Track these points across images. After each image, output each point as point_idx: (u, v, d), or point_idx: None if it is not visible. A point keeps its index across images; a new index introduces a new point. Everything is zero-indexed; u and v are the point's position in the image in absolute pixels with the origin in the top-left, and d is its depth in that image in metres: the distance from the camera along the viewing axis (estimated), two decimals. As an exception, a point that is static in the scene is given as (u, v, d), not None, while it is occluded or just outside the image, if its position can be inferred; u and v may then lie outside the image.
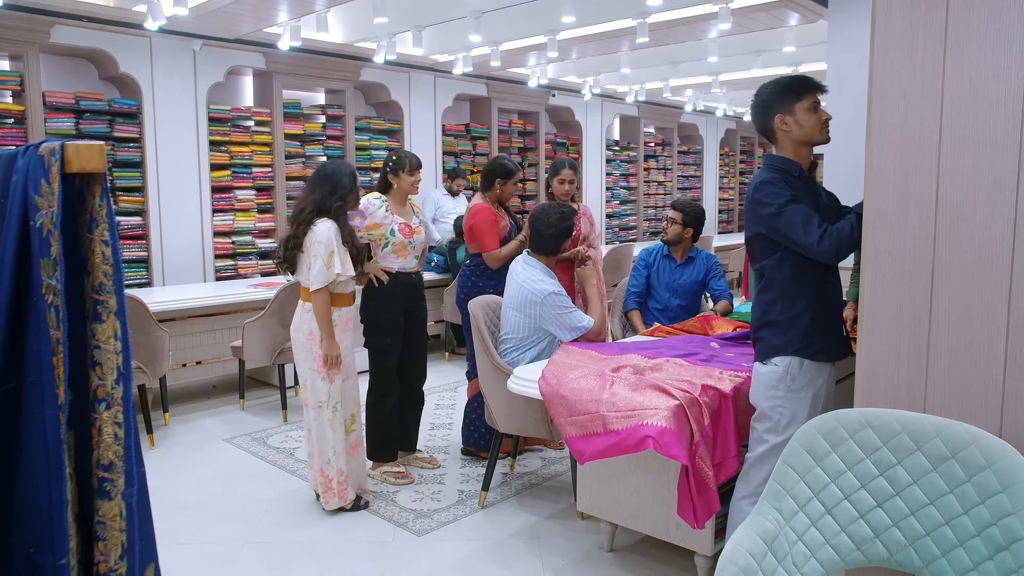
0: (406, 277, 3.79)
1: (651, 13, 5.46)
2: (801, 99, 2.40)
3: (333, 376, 3.38)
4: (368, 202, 3.71)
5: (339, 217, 3.32)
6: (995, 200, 1.78)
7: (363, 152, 7.45)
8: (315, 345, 3.34)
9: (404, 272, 3.78)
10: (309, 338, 3.35)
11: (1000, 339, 1.80)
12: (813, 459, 1.88)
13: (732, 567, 1.70)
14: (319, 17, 5.40)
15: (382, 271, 3.70)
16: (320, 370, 3.35)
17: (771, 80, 2.49)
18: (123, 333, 1.34)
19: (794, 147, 2.45)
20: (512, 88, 8.60)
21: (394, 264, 3.75)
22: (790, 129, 2.42)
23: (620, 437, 2.50)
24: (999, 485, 1.67)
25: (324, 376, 3.36)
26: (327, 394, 3.37)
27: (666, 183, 11.51)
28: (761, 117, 2.48)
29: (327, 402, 3.37)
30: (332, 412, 3.39)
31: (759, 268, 2.49)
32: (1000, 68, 1.75)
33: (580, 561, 3.02)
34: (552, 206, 3.62)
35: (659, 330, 3.69)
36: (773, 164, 2.47)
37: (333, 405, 3.39)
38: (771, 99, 2.44)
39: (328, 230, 3.24)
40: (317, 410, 3.38)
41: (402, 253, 3.75)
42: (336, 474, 3.40)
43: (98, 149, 1.29)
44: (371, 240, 3.70)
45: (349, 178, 3.37)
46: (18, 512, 1.33)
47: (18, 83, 5.29)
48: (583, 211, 4.20)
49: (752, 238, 2.49)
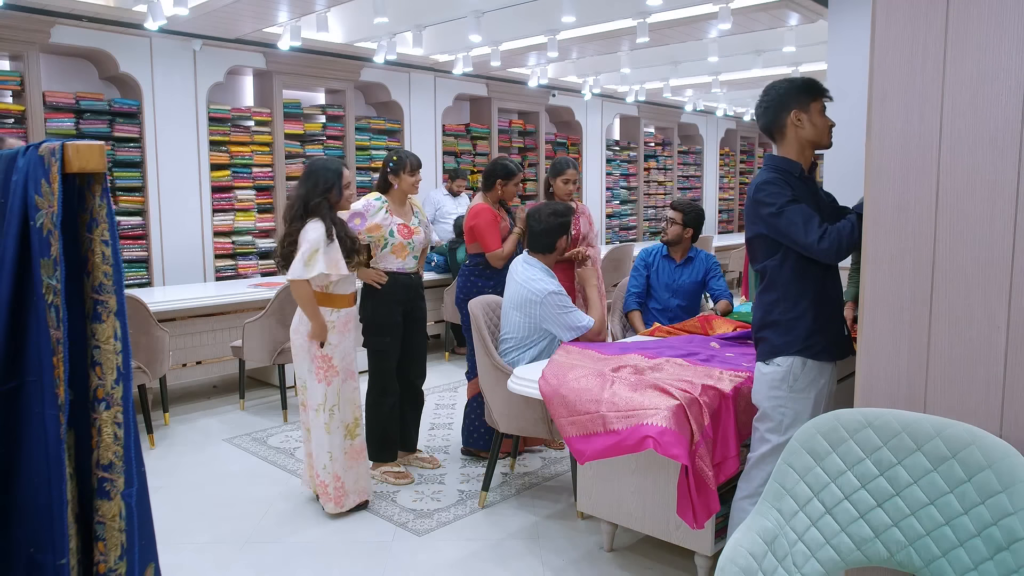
0: (405, 277, 3.79)
1: (651, 13, 5.46)
2: (816, 100, 2.42)
3: (331, 379, 3.36)
4: (368, 203, 3.70)
5: (322, 212, 3.28)
6: (995, 199, 1.78)
7: (363, 152, 7.45)
8: (314, 347, 3.34)
9: (403, 272, 3.77)
10: (308, 339, 3.34)
11: (1000, 338, 1.80)
12: (813, 459, 1.88)
13: (732, 567, 1.70)
14: (319, 17, 5.40)
15: (380, 274, 3.70)
16: (318, 372, 3.34)
17: (785, 79, 2.48)
18: (123, 333, 1.34)
19: (800, 147, 2.45)
20: (512, 88, 8.60)
21: (392, 264, 3.74)
22: (803, 127, 2.42)
23: (620, 437, 2.50)
24: (999, 485, 1.67)
25: (322, 379, 3.34)
26: (324, 396, 3.35)
27: (666, 183, 11.51)
28: (774, 112, 2.46)
29: (324, 404, 3.36)
30: (329, 415, 3.37)
31: (760, 268, 2.49)
32: (1000, 68, 1.76)
33: (580, 561, 3.02)
34: (545, 204, 3.62)
35: (659, 330, 3.69)
36: (774, 164, 2.47)
37: (330, 408, 3.37)
38: (789, 95, 2.43)
39: (317, 230, 3.21)
40: (315, 412, 3.37)
41: (400, 254, 3.75)
42: (332, 479, 3.37)
43: (98, 149, 1.29)
44: (371, 241, 3.70)
45: (333, 173, 3.35)
46: (18, 512, 1.33)
47: (18, 83, 5.29)
48: (582, 210, 4.20)
49: (753, 238, 2.49)
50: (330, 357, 3.36)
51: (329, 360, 3.36)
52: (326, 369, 3.36)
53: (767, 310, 2.47)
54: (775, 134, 2.50)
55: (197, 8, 5.23)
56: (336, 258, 3.25)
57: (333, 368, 3.37)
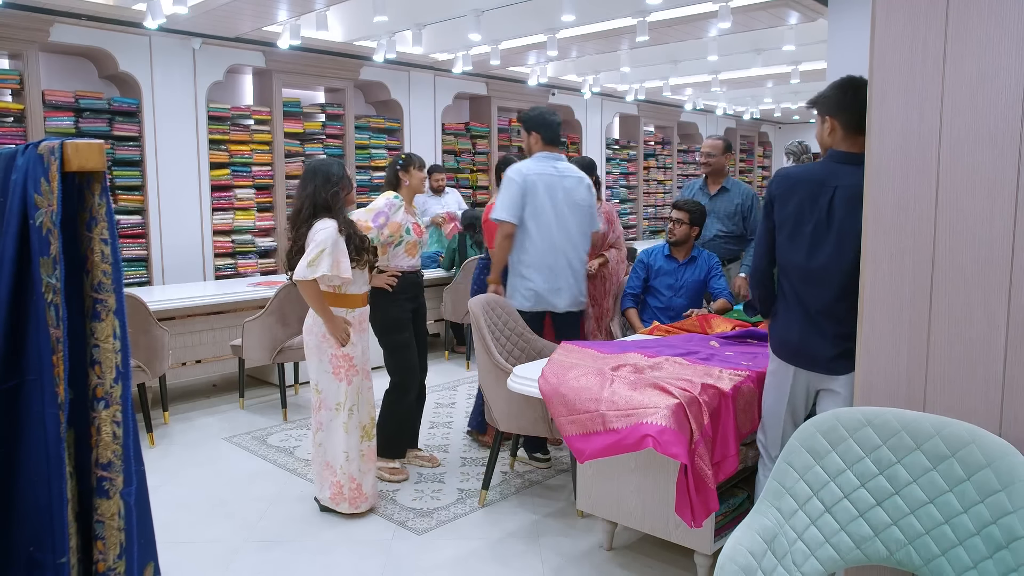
0: (413, 275, 3.85)
1: (651, 11, 5.46)
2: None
3: (352, 377, 3.32)
4: (390, 202, 3.71)
5: (336, 206, 3.26)
6: (995, 198, 1.78)
7: (363, 151, 7.45)
8: (330, 347, 3.29)
9: (412, 270, 3.82)
10: (323, 340, 3.29)
11: (1000, 337, 1.80)
12: (813, 458, 1.88)
13: (732, 566, 1.70)
14: (319, 16, 5.40)
15: (391, 277, 3.70)
16: (337, 371, 3.30)
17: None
18: (122, 332, 1.34)
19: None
20: (512, 87, 8.59)
21: (404, 263, 3.77)
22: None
23: (620, 436, 2.50)
24: (999, 484, 1.67)
25: (342, 377, 3.30)
26: (344, 395, 3.31)
27: (666, 182, 11.51)
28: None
29: (344, 404, 3.31)
30: (348, 415, 3.33)
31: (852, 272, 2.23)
32: (1000, 67, 1.75)
33: (580, 560, 3.03)
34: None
35: (658, 329, 3.69)
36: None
37: (349, 408, 3.33)
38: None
39: (325, 231, 3.16)
40: (333, 412, 3.32)
41: (412, 252, 3.79)
42: (348, 480, 3.34)
43: (97, 148, 1.29)
44: (386, 241, 3.69)
45: (338, 167, 3.34)
46: (18, 510, 1.33)
47: (17, 81, 5.29)
48: (604, 209, 4.23)
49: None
50: (351, 356, 3.33)
51: (351, 359, 3.32)
52: (347, 368, 3.31)
53: (853, 319, 2.14)
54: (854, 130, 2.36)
55: (197, 7, 5.23)
56: (341, 260, 3.18)
57: (354, 367, 3.34)
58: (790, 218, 2.41)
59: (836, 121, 2.39)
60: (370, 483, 3.43)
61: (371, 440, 3.46)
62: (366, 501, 3.41)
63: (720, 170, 4.59)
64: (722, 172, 4.60)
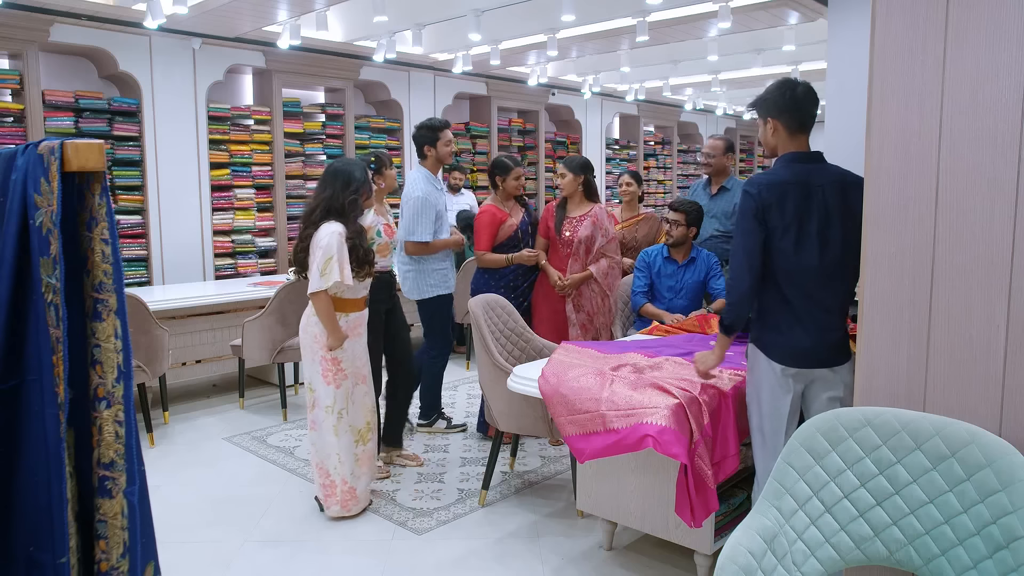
0: (387, 276, 3.87)
1: (651, 11, 5.46)
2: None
3: (340, 381, 3.33)
4: None
5: (351, 214, 3.25)
6: (995, 198, 1.78)
7: (363, 151, 7.43)
8: (320, 348, 3.29)
9: (385, 271, 3.83)
10: (314, 341, 3.29)
11: (1000, 337, 1.80)
12: (813, 458, 1.88)
13: (732, 566, 1.70)
14: (319, 16, 5.40)
15: None
16: (325, 374, 3.31)
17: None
18: (123, 331, 1.34)
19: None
20: (512, 87, 8.59)
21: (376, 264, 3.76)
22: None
23: (620, 436, 2.50)
24: (999, 484, 1.67)
25: (330, 381, 3.31)
26: (332, 399, 3.32)
27: (666, 182, 11.50)
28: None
29: (332, 407, 3.32)
30: (337, 418, 3.33)
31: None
32: (1000, 67, 1.75)
33: (580, 560, 3.03)
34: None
35: (658, 328, 3.69)
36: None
37: (338, 411, 3.33)
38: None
39: (331, 235, 3.15)
40: (324, 413, 3.34)
41: (384, 253, 3.81)
42: (340, 482, 3.34)
43: (97, 148, 1.29)
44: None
45: (361, 171, 3.32)
46: (18, 510, 1.33)
47: (17, 81, 5.28)
48: (594, 212, 4.18)
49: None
50: (339, 360, 3.32)
51: (338, 363, 3.32)
52: (335, 372, 3.32)
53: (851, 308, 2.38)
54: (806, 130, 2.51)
55: (196, 7, 5.23)
56: (343, 265, 3.16)
57: (342, 371, 3.34)
58: (793, 222, 2.38)
59: (778, 122, 2.46)
60: (364, 486, 3.43)
61: (366, 444, 3.45)
62: (358, 504, 3.41)
63: (721, 170, 4.60)
64: (724, 172, 4.61)
